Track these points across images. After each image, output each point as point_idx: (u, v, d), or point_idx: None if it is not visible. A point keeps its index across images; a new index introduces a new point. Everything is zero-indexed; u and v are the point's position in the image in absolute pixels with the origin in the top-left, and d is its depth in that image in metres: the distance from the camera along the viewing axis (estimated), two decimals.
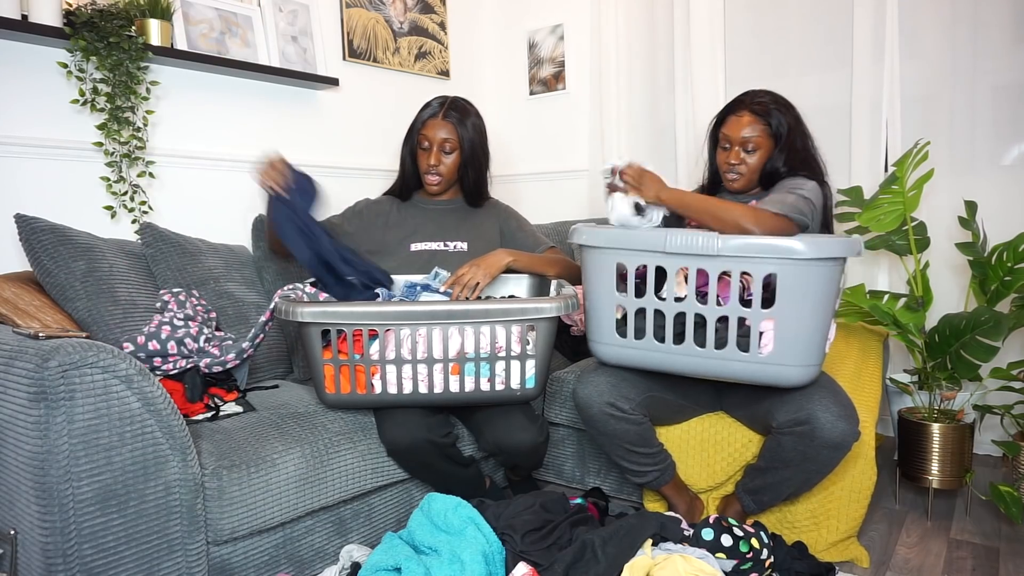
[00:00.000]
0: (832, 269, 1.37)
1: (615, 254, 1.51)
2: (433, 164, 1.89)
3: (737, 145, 1.68)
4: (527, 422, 1.65)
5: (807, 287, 1.36)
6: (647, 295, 1.49)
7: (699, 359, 1.47)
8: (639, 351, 1.54)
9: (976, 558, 1.66)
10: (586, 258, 1.56)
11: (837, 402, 1.45)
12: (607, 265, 1.52)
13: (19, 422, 1.16)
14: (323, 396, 1.57)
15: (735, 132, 1.67)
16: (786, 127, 1.66)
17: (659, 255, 1.46)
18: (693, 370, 1.51)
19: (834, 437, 1.42)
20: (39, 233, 1.69)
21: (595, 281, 1.55)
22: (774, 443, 1.52)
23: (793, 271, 1.36)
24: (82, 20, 1.82)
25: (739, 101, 1.70)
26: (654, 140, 2.84)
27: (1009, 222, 2.16)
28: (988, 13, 2.17)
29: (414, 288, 1.78)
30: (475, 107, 1.96)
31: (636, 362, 1.56)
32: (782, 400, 1.51)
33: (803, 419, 1.45)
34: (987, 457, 2.30)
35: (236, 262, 2.04)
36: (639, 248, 1.48)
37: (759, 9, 2.60)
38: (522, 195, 3.26)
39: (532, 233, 2.01)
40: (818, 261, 1.35)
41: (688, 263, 1.44)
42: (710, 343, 1.45)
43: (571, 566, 1.37)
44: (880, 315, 1.89)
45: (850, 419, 1.44)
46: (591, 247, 1.54)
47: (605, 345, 1.58)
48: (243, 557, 1.40)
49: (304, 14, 2.47)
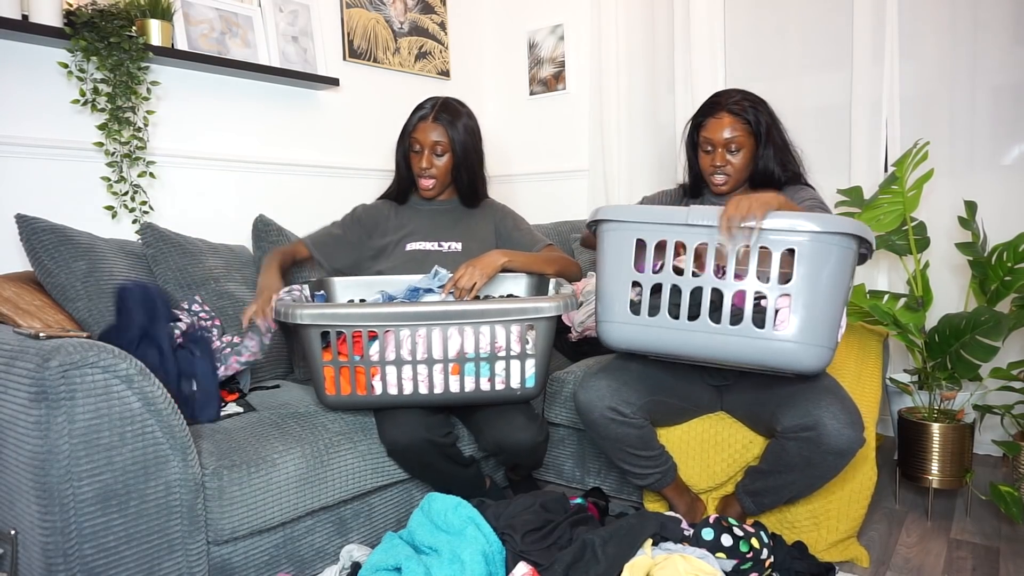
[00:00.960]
0: (846, 251, 1.36)
1: (637, 229, 1.48)
2: (425, 167, 1.89)
3: (720, 147, 1.68)
4: (527, 422, 1.66)
5: (824, 264, 1.35)
6: (665, 269, 1.45)
7: (713, 336, 1.42)
8: (652, 328, 1.48)
9: (976, 558, 1.66)
10: (605, 237, 1.53)
11: (844, 409, 1.44)
12: (627, 240, 1.49)
13: (20, 422, 1.16)
14: (323, 398, 1.57)
15: (716, 134, 1.68)
16: (765, 123, 1.67)
17: (681, 228, 1.44)
18: (704, 350, 1.45)
19: (840, 444, 1.42)
20: (40, 233, 1.69)
21: (613, 257, 1.51)
22: (778, 447, 1.51)
23: (811, 247, 1.35)
24: (82, 20, 1.83)
25: (714, 103, 1.71)
26: (654, 140, 2.84)
27: (1009, 222, 2.16)
28: (988, 13, 2.17)
29: (416, 292, 1.78)
30: (467, 107, 1.95)
31: (646, 343, 1.50)
32: (789, 404, 1.50)
33: (810, 424, 1.44)
34: (987, 457, 2.30)
35: (236, 262, 2.04)
36: (661, 221, 1.45)
37: (759, 9, 2.60)
38: (522, 195, 3.27)
39: (529, 232, 2.01)
40: (833, 237, 1.34)
41: (707, 238, 1.43)
42: (725, 319, 1.41)
43: (571, 566, 1.37)
44: (880, 315, 1.89)
45: (856, 426, 1.43)
46: (613, 221, 1.50)
47: (616, 324, 1.52)
48: (243, 557, 1.41)
49: (304, 14, 2.47)
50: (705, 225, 1.41)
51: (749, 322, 1.39)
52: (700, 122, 1.73)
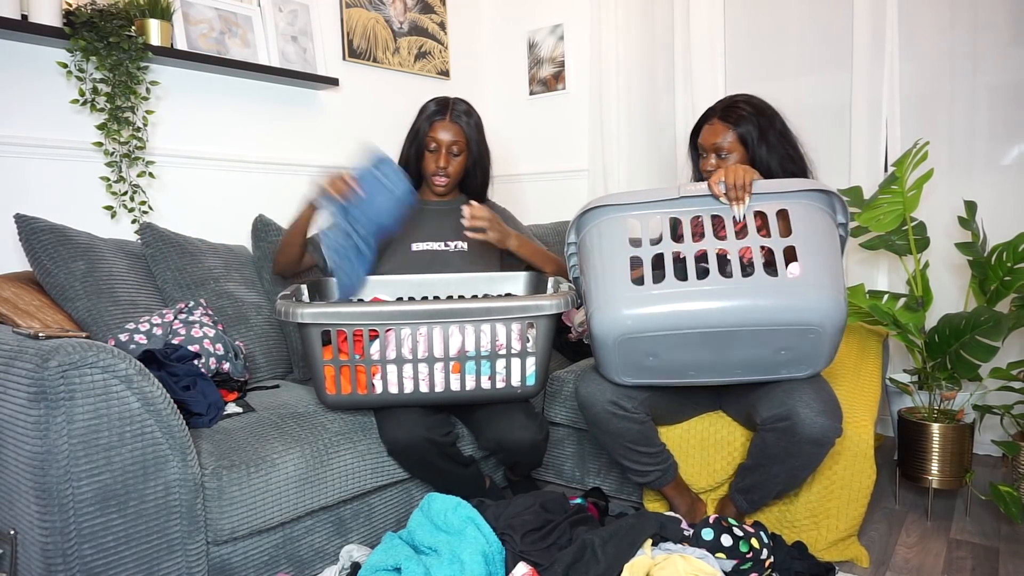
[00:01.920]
0: (825, 214, 1.43)
1: (628, 212, 1.46)
2: (442, 166, 1.91)
3: (711, 152, 1.73)
4: (527, 420, 1.66)
5: (816, 220, 1.39)
6: (663, 240, 1.41)
7: (726, 290, 1.34)
8: (659, 303, 1.35)
9: (976, 558, 1.66)
10: (596, 228, 1.48)
11: (818, 398, 1.45)
12: (619, 223, 1.45)
13: (19, 422, 1.16)
14: (323, 397, 1.57)
15: (707, 140, 1.73)
16: (756, 133, 1.69)
17: (673, 204, 1.45)
18: (717, 313, 1.34)
19: (814, 433, 1.43)
20: (39, 233, 1.69)
21: (607, 243, 1.44)
22: (759, 440, 1.53)
23: (804, 204, 1.40)
24: (82, 20, 1.82)
25: (712, 109, 1.77)
26: (654, 140, 2.84)
27: (1009, 222, 2.16)
28: (987, 14, 2.17)
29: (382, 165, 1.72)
30: (472, 105, 1.99)
31: (653, 322, 1.36)
32: (766, 396, 1.52)
33: (784, 415, 1.45)
34: (987, 457, 2.30)
35: (236, 262, 2.04)
36: (652, 200, 1.45)
37: (759, 9, 2.60)
38: (522, 195, 3.27)
39: (526, 236, 2.03)
40: (809, 195, 1.42)
41: (701, 212, 1.44)
42: (736, 273, 1.36)
43: (571, 566, 1.37)
44: (880, 315, 1.89)
45: (831, 415, 1.44)
46: (603, 207, 1.47)
47: (617, 304, 1.37)
48: (243, 557, 1.40)
49: (304, 14, 2.47)
50: (699, 195, 1.44)
51: (761, 271, 1.36)
52: (699, 126, 1.80)
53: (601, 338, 1.42)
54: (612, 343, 1.42)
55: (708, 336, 1.38)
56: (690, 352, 1.42)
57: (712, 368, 1.46)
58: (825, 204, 1.44)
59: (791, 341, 1.39)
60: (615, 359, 1.46)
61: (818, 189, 1.42)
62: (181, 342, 1.63)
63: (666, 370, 1.47)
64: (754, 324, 1.35)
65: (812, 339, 1.38)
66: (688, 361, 1.45)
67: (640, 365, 1.47)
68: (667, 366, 1.46)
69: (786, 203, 1.42)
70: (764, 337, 1.38)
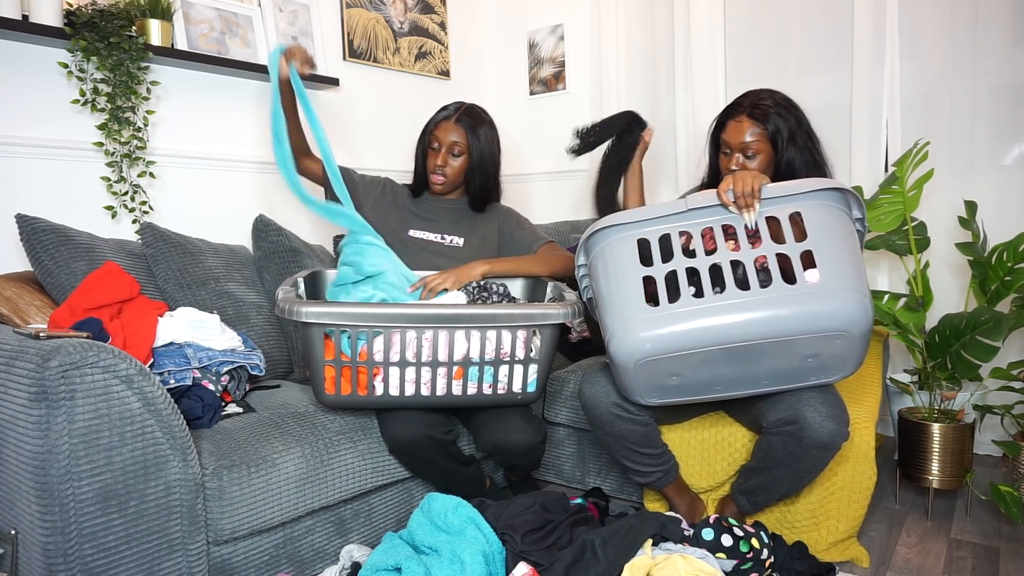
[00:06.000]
0: (842, 212, 1.38)
1: (637, 230, 1.42)
2: (440, 164, 1.91)
3: (737, 151, 1.64)
4: (524, 423, 1.66)
5: (831, 221, 1.35)
6: (675, 256, 1.37)
7: (744, 303, 1.30)
8: (677, 323, 1.31)
9: (976, 558, 1.66)
10: (606, 249, 1.44)
11: (826, 402, 1.44)
12: (629, 242, 1.41)
13: (20, 422, 1.16)
14: (321, 397, 1.56)
15: (734, 138, 1.63)
16: (786, 132, 1.61)
17: (681, 218, 1.40)
18: (738, 328, 1.29)
19: (822, 437, 1.42)
20: (40, 233, 1.69)
21: (617, 264, 1.41)
22: (765, 443, 1.52)
23: (817, 205, 1.36)
24: (82, 20, 1.82)
25: (738, 104, 1.67)
26: (654, 140, 2.83)
27: (1009, 222, 2.16)
28: (988, 13, 2.17)
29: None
30: (491, 117, 1.97)
31: (672, 343, 1.32)
32: (773, 399, 1.51)
33: (791, 419, 1.44)
34: (987, 457, 2.30)
35: (236, 262, 2.04)
36: (660, 215, 1.41)
37: (759, 9, 2.60)
38: (522, 195, 3.27)
39: (531, 231, 2.02)
40: (822, 195, 1.37)
41: (712, 222, 1.39)
42: (754, 284, 1.31)
43: (571, 566, 1.37)
44: (880, 315, 1.89)
45: (838, 419, 1.43)
46: (612, 227, 1.44)
47: (634, 328, 1.33)
48: (243, 557, 1.41)
49: (304, 14, 2.47)
50: (708, 206, 1.40)
51: (780, 280, 1.31)
52: (723, 122, 1.69)
53: (621, 364, 1.37)
54: (633, 367, 1.37)
55: (730, 352, 1.33)
56: (714, 369, 1.38)
57: (738, 382, 1.42)
58: (839, 202, 1.39)
59: (818, 348, 1.34)
60: (638, 382, 1.42)
61: (830, 188, 1.37)
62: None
63: (691, 388, 1.44)
64: (777, 335, 1.30)
65: (839, 344, 1.33)
66: (713, 377, 1.41)
67: (664, 385, 1.43)
68: (692, 384, 1.43)
69: (798, 205, 1.37)
70: (789, 347, 1.33)
